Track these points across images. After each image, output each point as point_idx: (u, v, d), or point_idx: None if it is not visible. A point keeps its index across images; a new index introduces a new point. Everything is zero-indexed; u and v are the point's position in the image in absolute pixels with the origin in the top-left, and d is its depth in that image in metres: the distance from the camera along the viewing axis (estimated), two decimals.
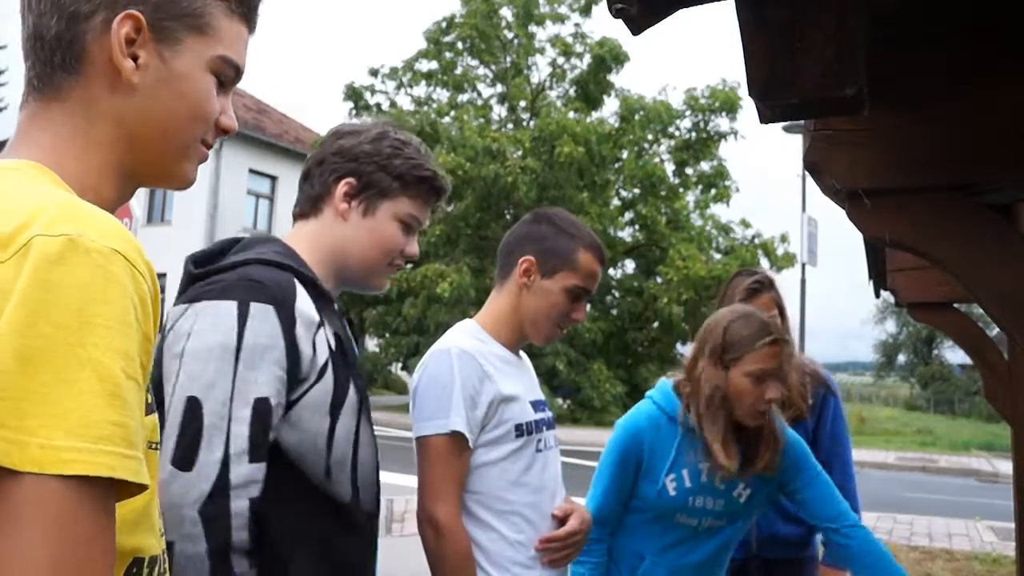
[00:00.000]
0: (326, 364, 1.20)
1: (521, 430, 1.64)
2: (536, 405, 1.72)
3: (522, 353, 1.83)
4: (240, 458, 1.08)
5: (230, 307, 1.13)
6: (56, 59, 0.77)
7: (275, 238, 1.36)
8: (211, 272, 1.21)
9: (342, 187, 1.37)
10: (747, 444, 1.90)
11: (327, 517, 1.19)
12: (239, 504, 1.07)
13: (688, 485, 1.90)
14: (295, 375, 1.16)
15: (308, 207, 1.40)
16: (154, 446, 0.73)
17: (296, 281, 1.22)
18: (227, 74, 0.87)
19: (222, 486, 1.06)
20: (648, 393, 2.05)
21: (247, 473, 1.08)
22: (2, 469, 0.55)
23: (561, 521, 1.69)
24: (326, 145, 1.42)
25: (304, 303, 1.20)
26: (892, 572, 1.88)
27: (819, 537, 2.48)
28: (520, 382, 1.70)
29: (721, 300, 2.43)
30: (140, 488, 0.61)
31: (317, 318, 1.21)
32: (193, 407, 1.08)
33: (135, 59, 0.78)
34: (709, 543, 1.95)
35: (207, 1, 0.83)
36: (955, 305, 3.09)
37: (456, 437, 1.56)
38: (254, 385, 1.11)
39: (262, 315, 1.14)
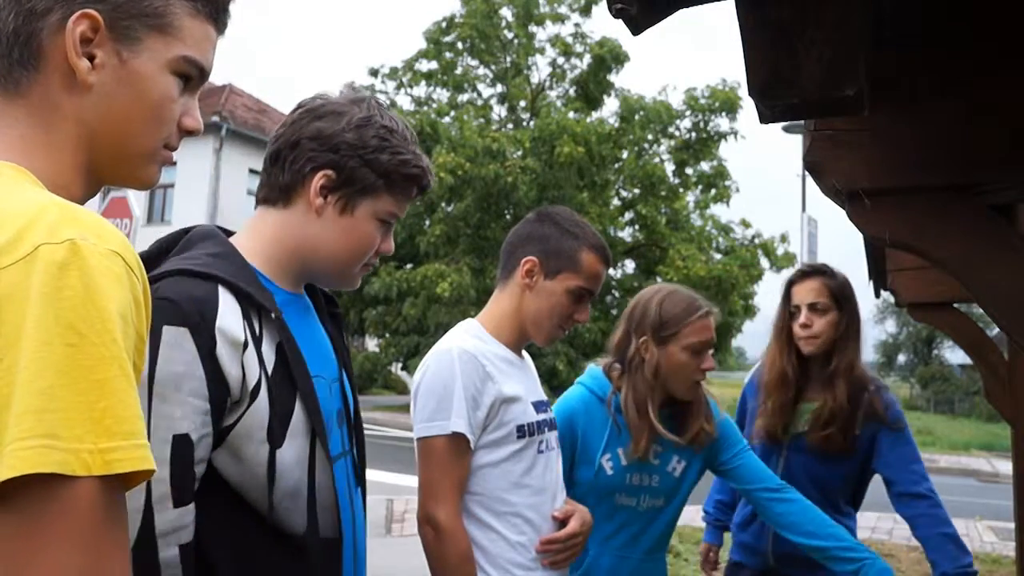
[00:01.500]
0: (258, 387, 1.06)
1: (523, 431, 1.64)
2: (538, 406, 1.72)
3: (524, 353, 1.83)
4: (163, 503, 0.97)
5: None
6: (14, 55, 0.77)
7: (216, 233, 1.20)
8: None
9: (319, 180, 1.19)
10: (679, 416, 1.99)
11: (279, 551, 1.08)
12: (168, 553, 0.97)
13: (624, 463, 1.95)
14: (224, 401, 1.04)
15: (276, 195, 1.22)
16: None
17: (222, 291, 1.07)
18: (190, 74, 0.85)
19: (147, 536, 0.95)
20: (578, 379, 2.09)
21: (173, 519, 0.98)
22: (60, 476, 0.59)
23: (562, 523, 1.69)
24: (300, 125, 1.22)
25: (228, 320, 1.05)
26: (833, 529, 1.96)
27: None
28: (522, 383, 1.70)
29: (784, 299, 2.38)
30: (150, 474, 0.65)
31: (243, 336, 1.06)
32: None
33: (92, 58, 0.78)
34: (652, 528, 1.99)
35: (169, 0, 0.82)
36: (955, 305, 3.09)
37: (457, 438, 1.55)
38: (171, 421, 0.99)
39: (175, 340, 1.00)
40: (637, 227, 18.94)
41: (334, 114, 1.21)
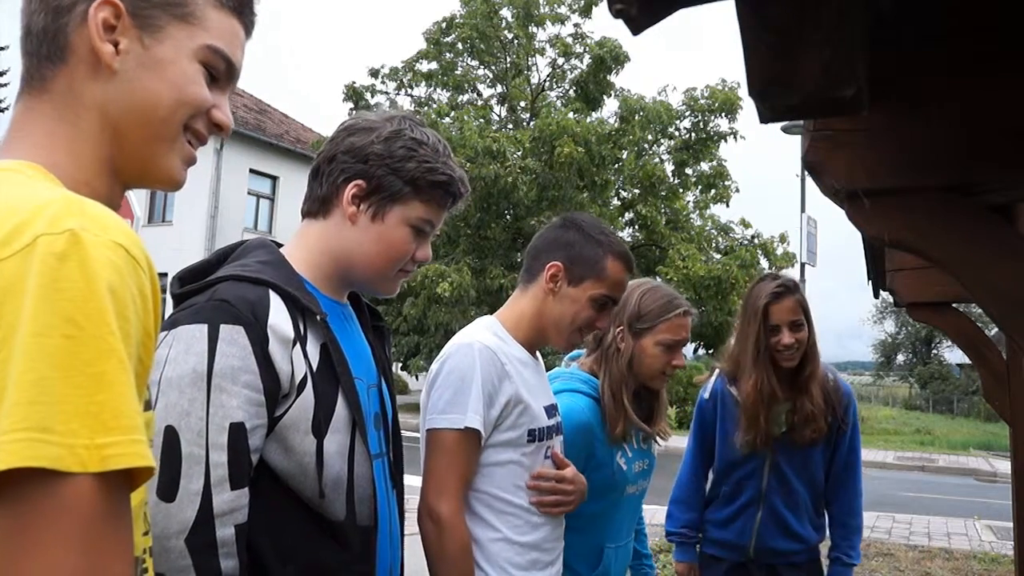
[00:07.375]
0: (304, 381, 1.16)
1: (534, 435, 1.64)
2: (548, 411, 1.71)
3: (537, 354, 1.82)
4: (221, 486, 1.06)
5: (201, 330, 1.10)
6: (42, 51, 0.78)
7: (268, 243, 1.31)
8: (190, 292, 1.19)
9: (350, 189, 1.30)
10: (648, 407, 2.08)
11: (321, 537, 1.17)
12: (224, 532, 1.06)
13: (629, 455, 2.02)
14: (275, 394, 1.14)
15: (316, 207, 1.34)
16: (150, 443, 0.74)
17: (272, 295, 1.18)
18: (217, 66, 0.85)
19: (205, 516, 1.05)
20: (568, 386, 2.03)
21: (229, 500, 1.07)
22: (53, 472, 0.56)
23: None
24: (336, 142, 1.34)
25: (279, 319, 1.16)
26: None
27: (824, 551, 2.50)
28: (536, 386, 1.70)
29: (746, 304, 2.49)
30: (151, 473, 0.63)
31: (292, 335, 1.16)
32: (171, 437, 1.06)
33: (116, 45, 0.78)
34: (639, 508, 2.14)
35: None
36: (954, 305, 3.09)
37: (469, 433, 1.55)
38: (228, 410, 1.08)
39: (231, 337, 1.10)
40: (637, 227, 18.94)
41: (366, 129, 1.33)
